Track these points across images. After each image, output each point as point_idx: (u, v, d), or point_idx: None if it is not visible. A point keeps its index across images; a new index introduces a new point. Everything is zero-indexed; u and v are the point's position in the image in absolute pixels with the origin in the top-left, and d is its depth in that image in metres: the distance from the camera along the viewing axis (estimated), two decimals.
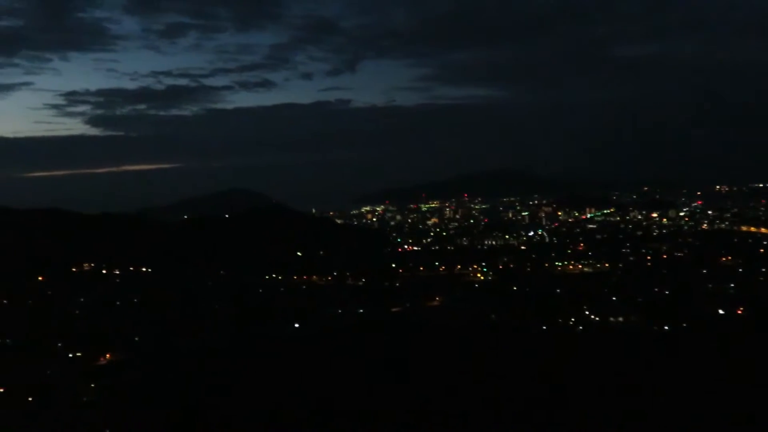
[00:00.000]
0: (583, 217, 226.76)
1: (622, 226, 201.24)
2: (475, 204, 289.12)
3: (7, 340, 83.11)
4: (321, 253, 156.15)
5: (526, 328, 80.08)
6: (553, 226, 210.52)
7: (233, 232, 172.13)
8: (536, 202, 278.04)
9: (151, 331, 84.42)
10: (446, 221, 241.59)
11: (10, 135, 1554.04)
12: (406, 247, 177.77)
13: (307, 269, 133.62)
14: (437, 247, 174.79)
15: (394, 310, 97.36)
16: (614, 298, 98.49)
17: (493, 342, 69.59)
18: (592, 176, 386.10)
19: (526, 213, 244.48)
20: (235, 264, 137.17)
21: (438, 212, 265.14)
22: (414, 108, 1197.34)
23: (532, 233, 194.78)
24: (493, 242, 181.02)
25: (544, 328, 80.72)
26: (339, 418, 48.36)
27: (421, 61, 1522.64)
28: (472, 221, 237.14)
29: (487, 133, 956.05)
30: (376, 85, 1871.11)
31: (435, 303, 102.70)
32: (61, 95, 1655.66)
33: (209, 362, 67.02)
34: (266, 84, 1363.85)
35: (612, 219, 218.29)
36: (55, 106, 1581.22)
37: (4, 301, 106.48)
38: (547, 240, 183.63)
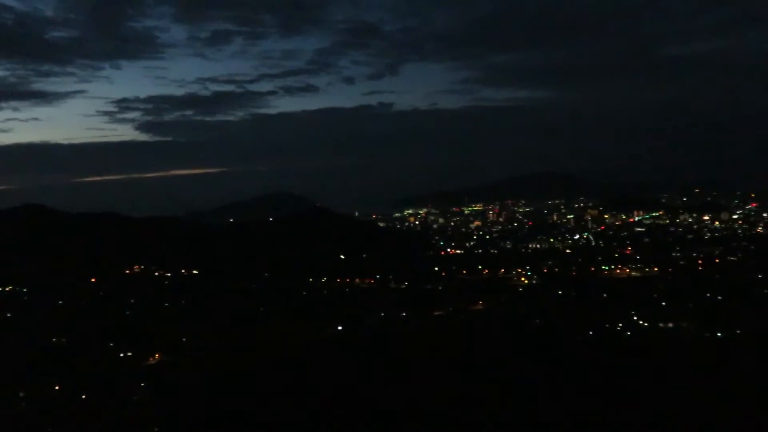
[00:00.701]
0: (631, 220, 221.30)
1: (672, 229, 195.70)
2: (519, 207, 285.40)
3: (63, 339, 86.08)
4: (363, 256, 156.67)
5: (571, 334, 78.57)
6: (599, 229, 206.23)
7: (277, 235, 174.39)
8: (582, 204, 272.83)
9: (198, 332, 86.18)
10: (489, 224, 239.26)
11: (64, 141, 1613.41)
12: (448, 250, 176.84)
13: (350, 272, 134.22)
14: (480, 251, 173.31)
15: (436, 313, 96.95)
16: (664, 304, 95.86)
17: (538, 347, 68.55)
18: (640, 178, 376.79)
19: (572, 216, 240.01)
20: (278, 267, 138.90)
21: (481, 215, 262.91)
22: (457, 111, 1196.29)
23: (577, 236, 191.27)
24: (538, 245, 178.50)
25: (591, 333, 79.12)
26: (383, 419, 48.46)
27: (464, 64, 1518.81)
28: (515, 224, 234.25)
29: (532, 135, 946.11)
30: (418, 89, 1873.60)
31: (478, 307, 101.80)
32: (112, 102, 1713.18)
33: (254, 364, 67.96)
34: (309, 89, 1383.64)
35: (661, 222, 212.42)
36: (106, 113, 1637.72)
37: (60, 302, 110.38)
38: (593, 243, 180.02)
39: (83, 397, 63.22)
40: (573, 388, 52.46)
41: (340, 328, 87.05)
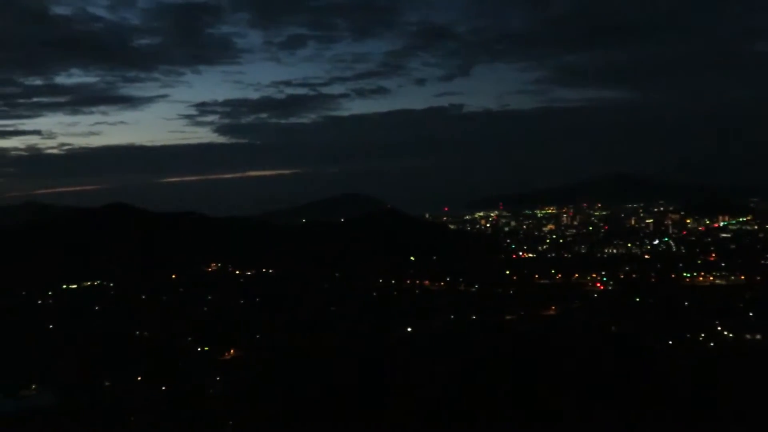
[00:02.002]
0: (715, 225, 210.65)
1: (761, 235, 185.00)
2: (595, 210, 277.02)
3: (145, 333, 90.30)
4: (433, 258, 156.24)
5: (649, 343, 75.56)
6: (680, 234, 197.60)
7: (348, 236, 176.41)
8: (662, 208, 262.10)
9: (271, 330, 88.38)
10: (563, 228, 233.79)
11: (148, 143, 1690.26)
12: (520, 253, 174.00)
13: (420, 274, 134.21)
14: (553, 255, 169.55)
15: (507, 318, 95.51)
16: (751, 314, 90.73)
17: (613, 357, 66.28)
18: (725, 181, 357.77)
19: (651, 220, 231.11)
20: (349, 267, 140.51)
21: (554, 218, 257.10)
22: (529, 112, 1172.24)
23: (657, 241, 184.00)
24: (614, 250, 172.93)
25: (670, 343, 75.86)
26: (456, 422, 48.18)
27: (536, 64, 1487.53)
28: (591, 228, 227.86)
29: (608, 136, 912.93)
30: (489, 90, 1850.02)
31: (550, 312, 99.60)
32: (192, 106, 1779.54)
33: (325, 363, 68.97)
34: (381, 91, 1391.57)
35: (749, 228, 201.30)
36: (187, 116, 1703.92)
37: (143, 297, 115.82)
38: (673, 249, 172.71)
39: (163, 388, 66.06)
40: (651, 401, 50.41)
41: (409, 329, 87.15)
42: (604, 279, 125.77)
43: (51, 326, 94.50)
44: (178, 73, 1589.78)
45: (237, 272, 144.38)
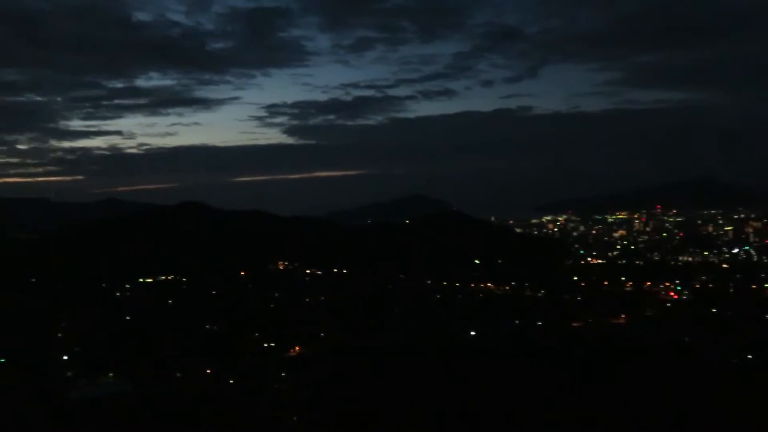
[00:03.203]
0: None
1: None
2: (669, 216, 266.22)
3: (215, 327, 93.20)
4: (499, 261, 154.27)
5: (727, 357, 72.08)
6: (763, 243, 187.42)
7: (413, 237, 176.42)
8: (742, 216, 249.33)
9: (335, 328, 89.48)
10: (635, 234, 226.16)
11: (221, 144, 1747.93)
12: (589, 259, 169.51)
13: (484, 277, 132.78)
14: (624, 261, 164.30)
15: (574, 324, 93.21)
16: None
17: (687, 370, 63.64)
18: None
19: (730, 228, 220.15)
20: (413, 269, 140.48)
21: (626, 224, 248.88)
22: (600, 114, 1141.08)
23: (736, 250, 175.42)
24: (689, 258, 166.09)
25: (750, 357, 72.06)
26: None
27: (608, 65, 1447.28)
28: (664, 235, 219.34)
29: (684, 139, 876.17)
30: (559, 91, 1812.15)
31: (620, 320, 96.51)
32: (263, 108, 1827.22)
33: (387, 362, 69.28)
34: (447, 92, 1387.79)
35: None
36: (257, 118, 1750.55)
37: (213, 292, 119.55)
38: (754, 258, 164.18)
39: (230, 382, 68.04)
40: (729, 420, 48.10)
41: (473, 333, 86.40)
42: (678, 288, 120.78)
43: (128, 318, 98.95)
44: (249, 75, 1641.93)
45: (303, 271, 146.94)
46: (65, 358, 77.74)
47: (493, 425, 49.13)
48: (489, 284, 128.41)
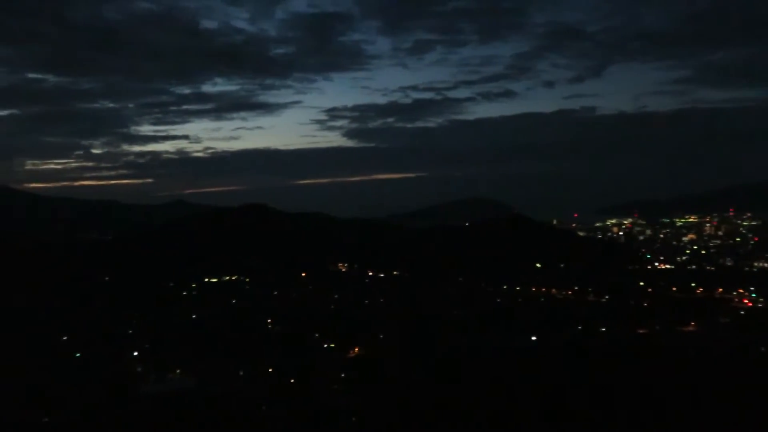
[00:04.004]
0: None
1: None
2: (743, 220, 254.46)
3: (277, 327, 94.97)
4: (561, 265, 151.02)
5: None
6: None
7: (473, 240, 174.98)
8: None
9: (395, 330, 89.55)
10: (706, 238, 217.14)
11: (283, 147, 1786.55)
12: (656, 264, 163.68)
13: (546, 281, 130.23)
14: (694, 267, 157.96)
15: (640, 331, 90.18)
16: None
17: (762, 380, 60.53)
18: None
19: None
20: (473, 272, 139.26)
21: (696, 228, 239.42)
22: (668, 113, 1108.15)
23: None
24: (766, 264, 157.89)
25: None
26: None
27: (677, 63, 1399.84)
28: (738, 239, 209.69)
29: (758, 139, 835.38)
30: (624, 91, 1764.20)
31: (689, 328, 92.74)
32: (323, 111, 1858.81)
33: (446, 366, 68.87)
34: (507, 94, 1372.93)
35: None
36: (318, 122, 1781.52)
37: (275, 292, 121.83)
38: None
39: (291, 380, 69.08)
40: None
41: (533, 338, 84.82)
42: (753, 295, 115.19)
43: (194, 316, 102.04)
44: (310, 80, 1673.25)
45: (363, 272, 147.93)
46: (135, 354, 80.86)
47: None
48: (551, 289, 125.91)
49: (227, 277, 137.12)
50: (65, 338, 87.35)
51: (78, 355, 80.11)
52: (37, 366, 73.56)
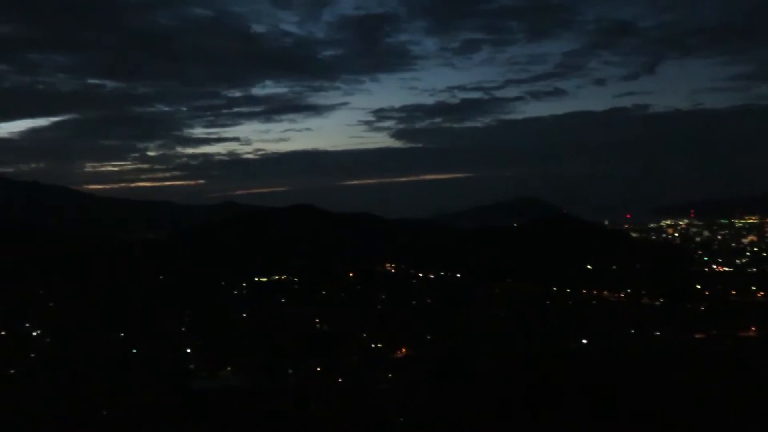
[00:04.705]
0: None
1: None
2: None
3: (325, 326, 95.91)
4: (613, 267, 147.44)
5: None
6: None
7: (521, 241, 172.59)
8: None
9: (442, 332, 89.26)
10: (767, 240, 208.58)
11: (330, 148, 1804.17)
12: (714, 267, 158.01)
13: (597, 284, 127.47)
14: (754, 270, 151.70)
15: (697, 336, 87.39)
16: None
17: None
18: None
19: None
20: (521, 273, 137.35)
21: (757, 229, 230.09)
22: (726, 110, 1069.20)
23: None
24: None
25: None
26: None
27: (735, 58, 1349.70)
28: None
29: None
30: (679, 88, 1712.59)
31: (749, 333, 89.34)
32: (370, 112, 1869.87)
33: (495, 369, 68.20)
34: (557, 92, 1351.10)
35: None
36: (365, 123, 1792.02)
37: (323, 292, 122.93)
38: None
39: (339, 380, 69.66)
40: None
41: (584, 341, 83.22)
42: None
43: (244, 315, 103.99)
44: (358, 81, 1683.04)
45: (410, 273, 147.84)
46: (188, 351, 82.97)
47: None
48: (603, 291, 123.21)
49: (276, 277, 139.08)
50: (122, 335, 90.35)
51: (134, 351, 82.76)
52: (96, 361, 76.32)
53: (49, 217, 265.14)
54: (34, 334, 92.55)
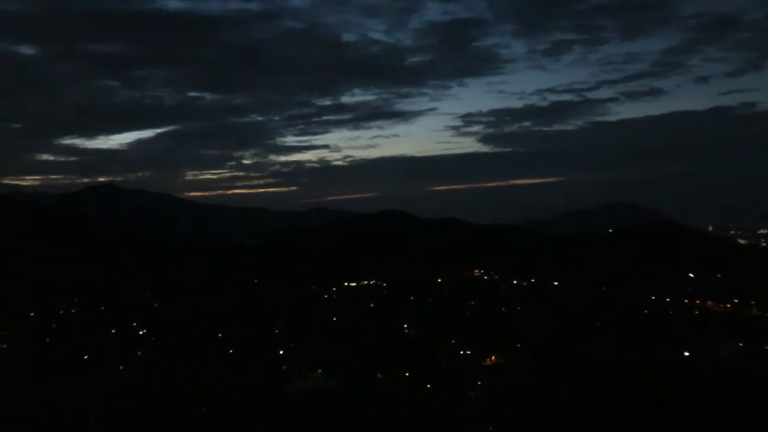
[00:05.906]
0: None
1: None
2: None
3: (413, 331, 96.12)
4: (718, 276, 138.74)
5: None
6: None
7: (617, 247, 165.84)
8: None
9: (534, 339, 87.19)
10: None
11: (418, 154, 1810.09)
12: None
13: (700, 293, 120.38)
14: None
15: None
16: None
17: None
18: None
19: None
20: (616, 281, 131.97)
21: None
22: None
23: None
24: None
25: None
26: None
27: None
28: None
29: None
30: None
31: None
32: (458, 117, 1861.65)
33: (590, 378, 65.99)
34: (654, 92, 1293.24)
35: None
36: (453, 128, 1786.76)
37: (411, 297, 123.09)
38: None
39: (428, 386, 69.56)
40: None
41: (686, 354, 78.84)
42: None
43: (334, 318, 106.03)
44: (445, 86, 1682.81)
45: (499, 279, 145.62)
46: (281, 353, 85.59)
47: None
48: (706, 301, 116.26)
49: (365, 282, 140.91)
50: (220, 335, 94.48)
51: (230, 351, 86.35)
52: (195, 360, 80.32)
53: (153, 222, 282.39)
54: (141, 333, 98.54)
